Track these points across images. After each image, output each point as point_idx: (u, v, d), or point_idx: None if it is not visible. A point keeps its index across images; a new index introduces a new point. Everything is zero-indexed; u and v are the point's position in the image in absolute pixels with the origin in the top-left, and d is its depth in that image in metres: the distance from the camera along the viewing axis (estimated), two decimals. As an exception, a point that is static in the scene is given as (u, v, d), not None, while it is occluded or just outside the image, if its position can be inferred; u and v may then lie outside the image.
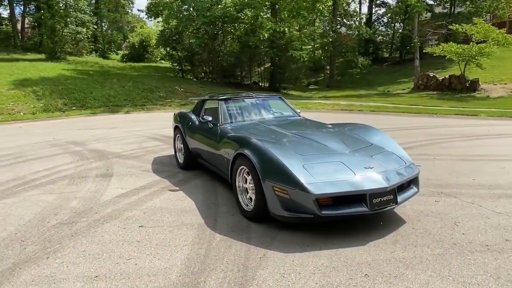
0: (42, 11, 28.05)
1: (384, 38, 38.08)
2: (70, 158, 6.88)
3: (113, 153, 7.21)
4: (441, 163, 5.74)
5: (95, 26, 37.10)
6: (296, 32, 22.86)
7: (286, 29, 21.63)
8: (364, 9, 40.68)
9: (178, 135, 5.88)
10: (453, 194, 4.28)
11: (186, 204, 4.28)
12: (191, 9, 20.97)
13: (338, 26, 29.75)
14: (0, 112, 14.30)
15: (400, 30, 35.73)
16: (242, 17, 22.14)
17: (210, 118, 4.92)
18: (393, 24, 37.18)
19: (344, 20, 30.02)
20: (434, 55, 21.30)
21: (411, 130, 9.10)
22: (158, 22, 29.86)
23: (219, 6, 21.02)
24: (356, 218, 3.54)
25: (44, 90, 17.00)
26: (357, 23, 31.08)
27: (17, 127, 12.00)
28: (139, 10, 42.43)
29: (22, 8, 38.20)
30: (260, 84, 27.62)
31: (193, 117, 5.54)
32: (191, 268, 2.82)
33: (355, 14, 34.00)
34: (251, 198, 3.69)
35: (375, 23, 38.10)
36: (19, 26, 37.61)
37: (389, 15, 35.29)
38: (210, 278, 2.66)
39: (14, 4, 36.14)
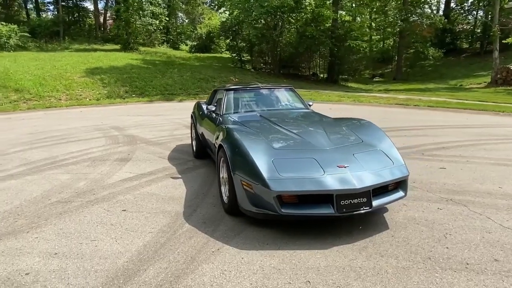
0: (119, 4, 30.25)
1: (464, 27, 34.68)
2: (104, 142, 7.36)
3: (143, 139, 7.57)
4: (472, 166, 5.10)
5: (167, 18, 39.02)
6: (363, 21, 21.71)
7: (347, 18, 20.75)
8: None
9: (193, 124, 5.98)
10: (463, 202, 3.78)
11: (178, 192, 4.34)
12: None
13: (409, 15, 27.67)
14: (70, 98, 15.79)
15: (483, 18, 32.22)
16: (302, 7, 21.64)
17: (213, 108, 4.92)
18: (474, 12, 33.61)
19: (416, 8, 27.79)
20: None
21: (460, 129, 8.21)
22: (221, 13, 30.43)
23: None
24: (338, 220, 3.31)
25: (110, 78, 18.37)
26: (429, 10, 28.62)
27: (78, 111, 13.16)
28: (203, 2, 43.45)
29: (105, 2, 41.56)
30: (320, 75, 26.92)
31: (204, 106, 5.58)
32: (142, 255, 2.85)
33: (429, 1, 31.31)
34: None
35: (454, 11, 34.77)
36: (102, 19, 41.01)
37: (470, 0, 31.98)
38: (152, 267, 2.67)
39: (98, -2, 39.43)
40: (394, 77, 29.75)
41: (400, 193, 3.25)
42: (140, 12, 31.16)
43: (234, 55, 25.67)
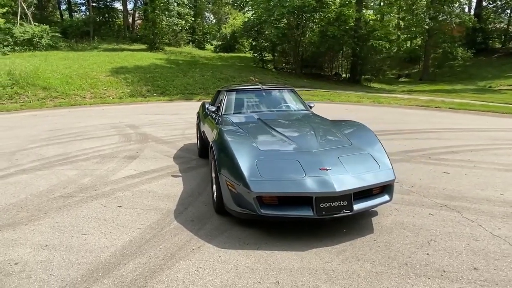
0: (147, 5, 31.03)
1: (497, 26, 33.29)
2: (117, 139, 7.61)
3: (154, 137, 7.76)
4: (477, 172, 4.94)
5: (193, 19, 39.61)
6: (387, 20, 21.24)
7: (372, 17, 20.39)
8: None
9: (197, 123, 6.09)
10: (457, 208, 3.69)
11: (175, 190, 4.45)
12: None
13: (437, 13, 26.84)
14: (94, 96, 16.36)
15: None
16: (324, 6, 21.44)
17: (213, 109, 5.01)
18: (508, 10, 32.20)
19: (445, 6, 26.90)
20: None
21: (475, 132, 7.92)
22: (244, 13, 30.59)
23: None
24: (324, 222, 3.31)
25: (134, 77, 18.88)
26: (458, 9, 27.65)
27: (100, 109, 13.62)
28: (226, 3, 43.81)
29: (134, 3, 42.68)
30: (342, 75, 26.58)
31: (207, 106, 5.68)
32: (125, 250, 2.96)
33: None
34: (219, 190, 3.69)
35: (486, 9, 33.41)
36: (131, 20, 42.16)
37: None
38: (132, 262, 2.78)
39: (127, -1, 40.55)
40: (421, 78, 28.99)
41: (385, 198, 3.21)
42: (166, 12, 31.88)
43: (256, 55, 25.74)
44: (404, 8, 29.37)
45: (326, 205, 2.92)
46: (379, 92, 19.10)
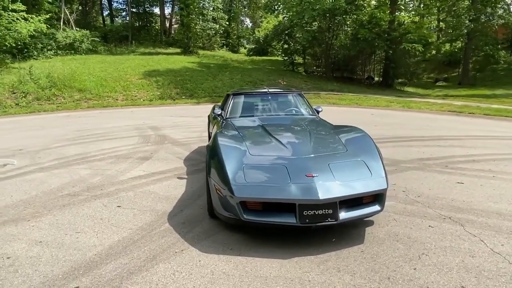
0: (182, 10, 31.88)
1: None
2: (136, 140, 7.83)
3: (171, 139, 7.92)
4: (495, 183, 4.62)
5: (227, 23, 40.21)
6: (421, 22, 20.46)
7: (406, 18, 19.76)
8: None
9: (207, 126, 6.14)
10: (462, 221, 3.47)
11: (176, 192, 4.50)
12: (302, 2, 20.84)
13: (478, 14, 25.54)
14: (126, 98, 16.96)
15: None
16: (356, 9, 21.02)
17: (219, 112, 5.03)
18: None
19: (487, 8, 25.54)
20: None
21: (504, 140, 7.40)
22: (276, 16, 30.60)
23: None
24: (314, 230, 3.22)
25: (164, 80, 19.38)
26: (502, 10, 26.16)
27: (129, 111, 14.08)
28: (259, 7, 44.08)
29: (171, 7, 44.00)
30: (375, 79, 25.89)
31: (216, 110, 5.72)
32: (111, 250, 3.03)
33: (504, -1, 28.60)
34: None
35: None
36: (168, 24, 43.42)
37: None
38: (114, 262, 2.84)
39: (164, 4, 41.83)
40: (460, 82, 27.66)
41: (376, 207, 3.07)
42: (200, 16, 32.55)
43: (286, 58, 25.64)
44: (445, 9, 28.25)
45: (310, 212, 2.84)
46: (411, 97, 18.41)
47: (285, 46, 25.97)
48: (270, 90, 5.35)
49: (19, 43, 19.57)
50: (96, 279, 2.60)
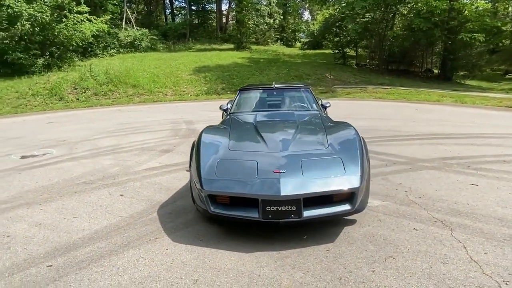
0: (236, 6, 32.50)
1: None
2: (166, 134, 8.23)
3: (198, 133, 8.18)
4: (507, 185, 4.20)
5: (281, 17, 40.12)
6: (485, 9, 18.67)
7: (469, 7, 18.20)
8: None
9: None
10: (452, 226, 3.22)
11: (178, 184, 4.70)
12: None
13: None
14: (175, 93, 17.74)
15: None
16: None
17: (225, 107, 5.14)
18: None
19: None
20: None
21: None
22: (326, 9, 29.82)
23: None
24: (289, 227, 3.21)
25: (212, 76, 19.92)
26: None
27: (174, 106, 14.72)
28: (303, 0, 43.24)
29: (228, 4, 44.96)
30: (433, 71, 24.21)
31: (222, 105, 5.85)
32: (96, 234, 3.29)
33: None
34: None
35: None
36: (224, 20, 44.45)
37: None
38: (92, 245, 3.08)
39: (221, 1, 42.89)
40: (534, 74, 24.92)
41: (346, 207, 2.97)
42: (253, 12, 32.84)
43: (337, 51, 24.94)
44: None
45: (273, 208, 2.84)
46: (469, 90, 16.97)
47: (336, 39, 25.25)
48: (276, 85, 5.33)
49: (84, 42, 21.36)
50: (69, 260, 2.86)
